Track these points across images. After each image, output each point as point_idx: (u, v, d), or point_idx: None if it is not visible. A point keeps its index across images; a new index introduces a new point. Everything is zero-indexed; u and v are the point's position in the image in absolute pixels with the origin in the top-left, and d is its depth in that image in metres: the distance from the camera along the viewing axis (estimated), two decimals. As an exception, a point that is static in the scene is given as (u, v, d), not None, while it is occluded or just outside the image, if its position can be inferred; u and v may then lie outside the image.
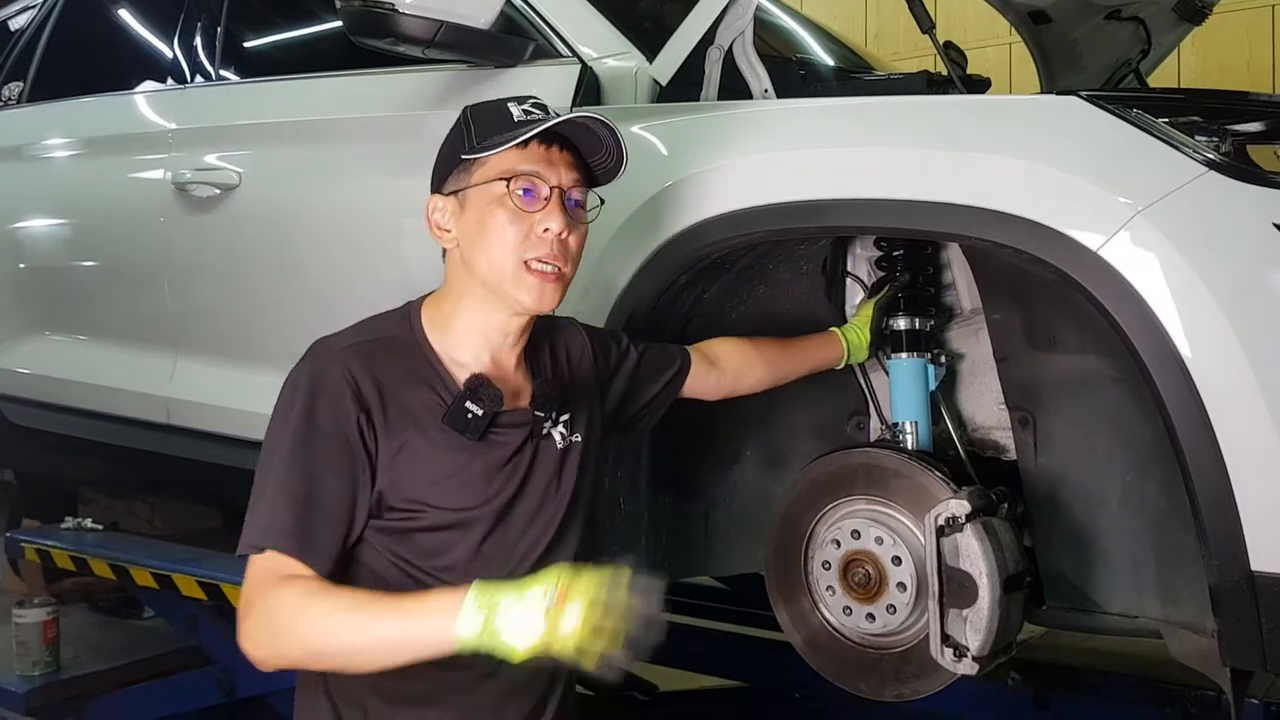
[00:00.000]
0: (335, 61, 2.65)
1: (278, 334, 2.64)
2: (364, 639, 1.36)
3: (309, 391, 1.47)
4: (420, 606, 1.34)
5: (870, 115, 1.91)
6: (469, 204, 1.54)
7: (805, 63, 2.79)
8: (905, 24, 5.82)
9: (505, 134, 1.50)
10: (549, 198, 1.52)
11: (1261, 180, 1.57)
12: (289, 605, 1.39)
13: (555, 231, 1.51)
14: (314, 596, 1.39)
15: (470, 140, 1.53)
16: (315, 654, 1.40)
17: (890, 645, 1.90)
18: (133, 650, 3.55)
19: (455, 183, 1.56)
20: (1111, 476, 1.89)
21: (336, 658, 1.40)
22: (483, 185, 1.52)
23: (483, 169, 1.53)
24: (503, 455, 1.56)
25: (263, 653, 1.39)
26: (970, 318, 2.09)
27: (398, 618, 1.35)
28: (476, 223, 1.53)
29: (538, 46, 2.23)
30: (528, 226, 1.51)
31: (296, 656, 1.40)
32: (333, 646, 1.38)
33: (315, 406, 1.46)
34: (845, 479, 1.94)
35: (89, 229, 3.11)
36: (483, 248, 1.52)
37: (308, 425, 1.46)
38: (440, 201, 1.58)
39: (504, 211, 1.51)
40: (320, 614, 1.37)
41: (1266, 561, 1.52)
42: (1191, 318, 1.54)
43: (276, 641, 1.39)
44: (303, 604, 1.38)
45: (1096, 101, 1.68)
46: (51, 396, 3.16)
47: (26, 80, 3.40)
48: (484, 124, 1.54)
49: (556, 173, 1.53)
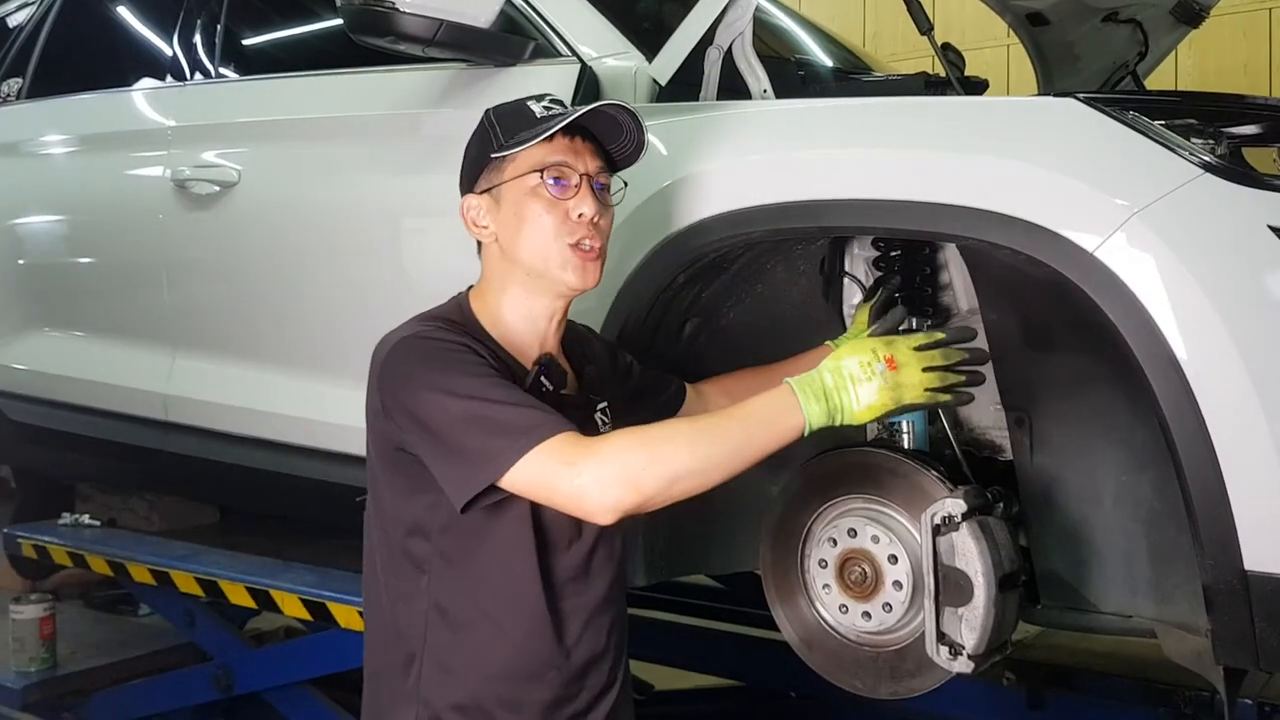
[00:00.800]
0: (335, 60, 2.65)
1: (277, 331, 2.65)
2: (715, 448, 1.47)
3: (434, 354, 1.53)
4: (755, 411, 1.50)
5: (868, 116, 1.92)
6: (504, 199, 1.63)
7: (804, 63, 2.80)
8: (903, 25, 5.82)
9: (532, 129, 1.59)
10: (579, 185, 1.62)
11: (1257, 183, 1.57)
12: (624, 443, 1.46)
13: (589, 215, 1.61)
14: (643, 432, 1.49)
15: (498, 139, 1.62)
16: (669, 478, 1.46)
17: (886, 643, 1.90)
18: (130, 646, 3.56)
19: (487, 181, 1.65)
20: (1106, 476, 1.90)
21: (690, 477, 1.47)
22: (515, 180, 1.61)
23: (514, 165, 1.62)
24: None
25: (612, 493, 1.44)
26: (967, 318, 2.09)
27: (741, 422, 1.49)
28: (514, 215, 1.62)
29: (537, 46, 2.23)
30: (563, 213, 1.61)
31: (651, 488, 1.45)
32: (687, 465, 1.46)
33: (451, 359, 1.52)
34: (842, 478, 1.94)
35: (88, 226, 3.11)
36: (524, 237, 1.61)
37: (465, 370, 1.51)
38: (474, 200, 1.66)
39: (539, 202, 1.61)
40: (663, 440, 1.47)
41: (1260, 561, 1.53)
42: (1187, 319, 1.54)
43: (627, 476, 1.44)
44: (639, 438, 1.48)
45: (1093, 103, 1.68)
46: (49, 393, 3.16)
47: (26, 76, 3.40)
48: (508, 123, 1.63)
49: (583, 161, 1.63)
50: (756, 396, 1.54)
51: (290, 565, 2.86)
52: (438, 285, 1.76)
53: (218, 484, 2.91)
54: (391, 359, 1.56)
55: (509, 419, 1.47)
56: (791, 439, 1.50)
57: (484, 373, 1.51)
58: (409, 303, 1.71)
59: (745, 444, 1.48)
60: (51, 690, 3.30)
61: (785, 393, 1.51)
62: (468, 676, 1.59)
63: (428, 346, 1.54)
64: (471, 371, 1.51)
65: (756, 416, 1.49)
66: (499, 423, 1.47)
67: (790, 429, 1.49)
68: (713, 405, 1.97)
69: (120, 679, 3.41)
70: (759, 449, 1.49)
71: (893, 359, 1.53)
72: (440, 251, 2.26)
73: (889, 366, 1.52)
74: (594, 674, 1.67)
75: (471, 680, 1.59)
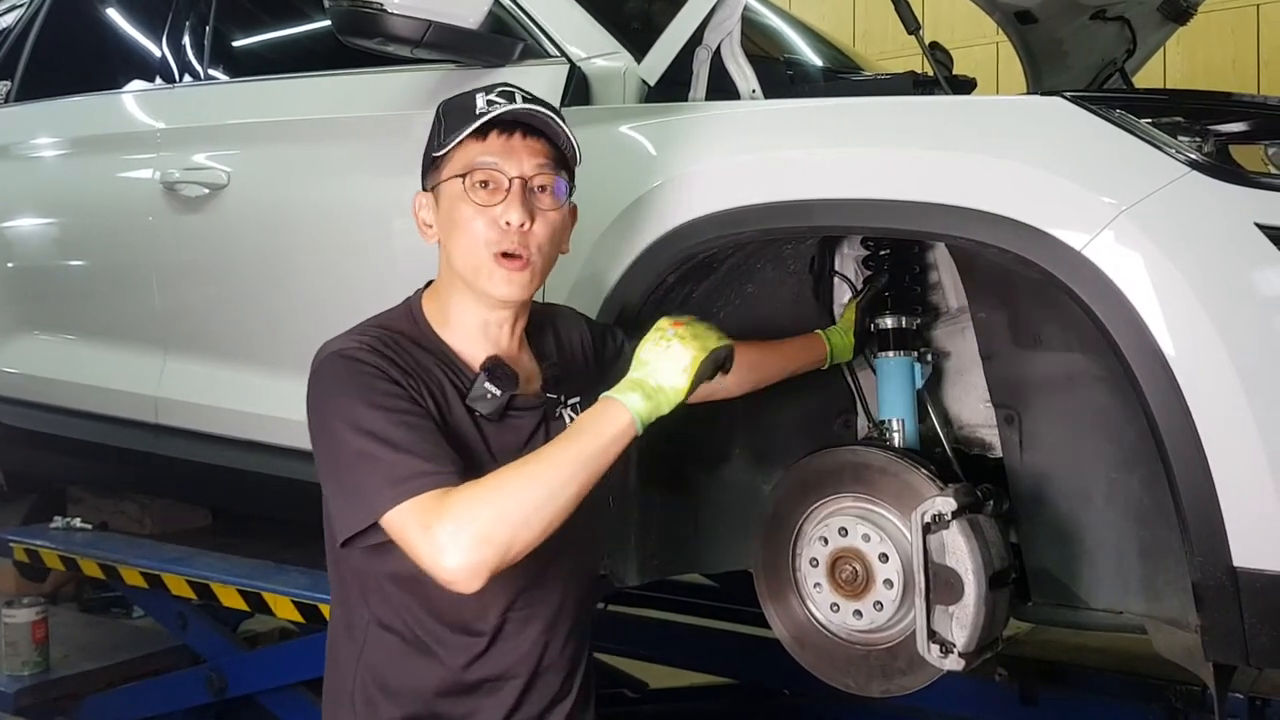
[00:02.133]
0: (324, 61, 2.64)
1: (267, 333, 2.64)
2: (556, 477, 1.38)
3: (348, 371, 1.46)
4: (581, 429, 1.42)
5: (857, 116, 1.92)
6: (441, 199, 1.57)
7: (793, 63, 2.80)
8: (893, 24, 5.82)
9: (460, 129, 1.52)
10: (509, 189, 1.52)
11: (1244, 180, 1.58)
12: (470, 500, 1.36)
13: (515, 223, 1.52)
14: (485, 483, 1.38)
15: (439, 135, 1.56)
16: (523, 521, 1.35)
17: (877, 641, 1.91)
18: (122, 650, 3.55)
19: (430, 179, 1.59)
20: (1096, 474, 1.91)
21: (541, 513, 1.36)
22: (449, 180, 1.55)
23: (450, 164, 1.55)
24: (519, 439, 1.58)
25: (473, 556, 1.33)
26: (956, 316, 2.10)
27: (572, 442, 1.41)
28: (448, 218, 1.56)
29: (526, 46, 2.23)
30: (489, 219, 1.52)
31: (506, 538, 1.34)
32: (535, 501, 1.36)
33: (362, 377, 1.45)
34: (833, 477, 1.95)
35: (77, 228, 3.10)
36: (455, 242, 1.55)
37: (367, 390, 1.44)
38: (422, 198, 1.61)
39: (468, 206, 1.53)
40: (506, 486, 1.37)
41: (1248, 557, 1.54)
42: (1174, 317, 1.55)
43: (482, 534, 1.34)
44: (482, 491, 1.36)
45: (1080, 102, 1.69)
46: (40, 396, 3.15)
47: (14, 79, 3.39)
48: (452, 118, 1.55)
49: (517, 161, 1.53)
50: (580, 415, 1.48)
51: (283, 567, 2.85)
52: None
53: (209, 486, 2.90)
54: (314, 378, 1.50)
55: (392, 465, 1.39)
56: (627, 439, 1.42)
57: (392, 405, 1.44)
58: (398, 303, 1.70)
59: (582, 460, 1.39)
60: (44, 694, 3.29)
61: (604, 400, 1.45)
62: (404, 693, 1.56)
63: (347, 369, 1.46)
64: (380, 404, 1.43)
65: (585, 430, 1.42)
66: (383, 466, 1.40)
67: (621, 429, 1.41)
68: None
69: (113, 682, 3.41)
70: (598, 460, 1.40)
71: (678, 321, 1.51)
72: (430, 253, 2.25)
73: (676, 326, 1.50)
74: (543, 684, 1.62)
75: (408, 698, 1.56)
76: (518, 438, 1.58)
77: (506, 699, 1.60)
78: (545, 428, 1.61)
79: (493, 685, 1.59)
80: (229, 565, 2.94)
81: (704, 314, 2.09)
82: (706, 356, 1.48)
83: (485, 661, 1.57)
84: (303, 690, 2.89)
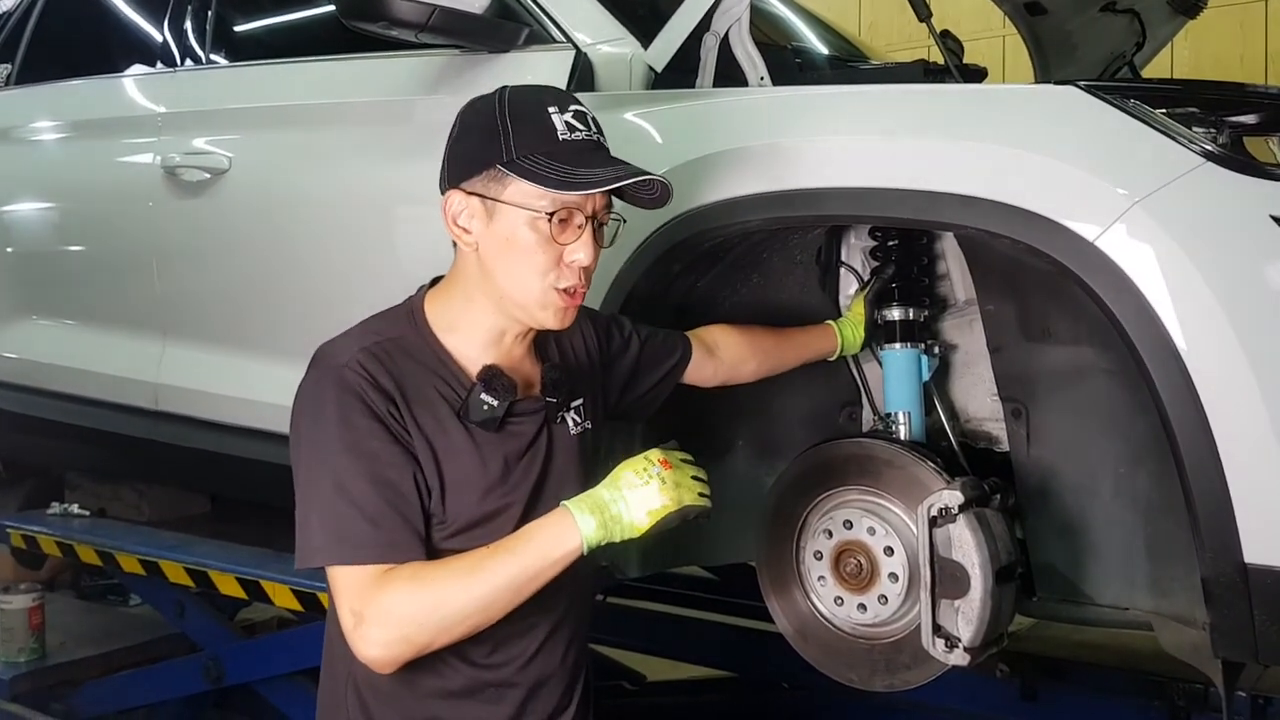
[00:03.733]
0: (327, 45, 2.63)
1: (267, 320, 2.63)
2: (492, 588, 1.40)
3: (334, 398, 1.45)
4: (530, 540, 1.42)
5: (866, 104, 1.91)
6: (499, 216, 1.47)
7: (800, 51, 2.78)
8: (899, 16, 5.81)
9: (554, 162, 1.43)
10: (582, 228, 1.49)
11: (1258, 172, 1.57)
12: (403, 597, 1.39)
13: (584, 263, 1.49)
14: (424, 578, 1.40)
15: (509, 150, 1.45)
16: (448, 627, 1.40)
17: (882, 636, 1.89)
18: (119, 637, 3.54)
19: (485, 188, 1.48)
20: (1104, 468, 1.89)
21: (469, 620, 1.41)
22: (517, 206, 1.46)
23: (519, 186, 1.45)
24: (520, 445, 1.55)
25: (392, 652, 1.39)
26: (964, 309, 2.08)
27: (515, 555, 1.41)
28: (505, 239, 1.47)
29: (532, 32, 2.21)
30: (557, 255, 1.48)
31: (426, 640, 1.40)
32: (465, 610, 1.40)
33: (346, 409, 1.44)
34: (838, 469, 1.93)
35: (77, 213, 3.08)
36: (508, 265, 1.48)
37: (346, 428, 1.43)
38: (463, 200, 1.49)
39: (536, 236, 1.46)
40: (440, 589, 1.39)
41: (1259, 554, 1.53)
42: (1188, 310, 1.53)
43: (405, 635, 1.39)
44: (417, 589, 1.39)
45: (1094, 91, 1.67)
46: (38, 381, 3.13)
47: (15, 63, 3.37)
48: (525, 134, 1.45)
49: (593, 201, 1.49)
50: (534, 522, 1.46)
51: (281, 555, 2.83)
52: (429, 274, 1.73)
53: (208, 473, 2.89)
54: (303, 387, 1.49)
55: (343, 521, 1.41)
56: (571, 560, 1.42)
57: (367, 450, 1.43)
58: (400, 291, 1.68)
59: (522, 576, 1.40)
60: (40, 681, 3.29)
61: (561, 514, 1.43)
62: (401, 697, 1.54)
63: (336, 395, 1.44)
64: (355, 446, 1.42)
65: (532, 546, 1.41)
66: (336, 519, 1.41)
67: (568, 551, 1.41)
68: (725, 358, 1.92)
69: (110, 669, 3.40)
70: (537, 578, 1.41)
71: (667, 461, 1.47)
72: (432, 240, 2.23)
73: (664, 467, 1.46)
74: (545, 694, 1.61)
75: (405, 701, 1.55)
76: (519, 444, 1.55)
77: (506, 709, 1.58)
78: (547, 432, 1.58)
79: (495, 693, 1.57)
80: (228, 553, 2.92)
81: (710, 302, 2.09)
82: (676, 510, 1.45)
83: (484, 668, 1.56)
84: (300, 679, 2.88)
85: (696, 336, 1.92)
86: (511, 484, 1.53)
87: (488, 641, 1.54)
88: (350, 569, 1.41)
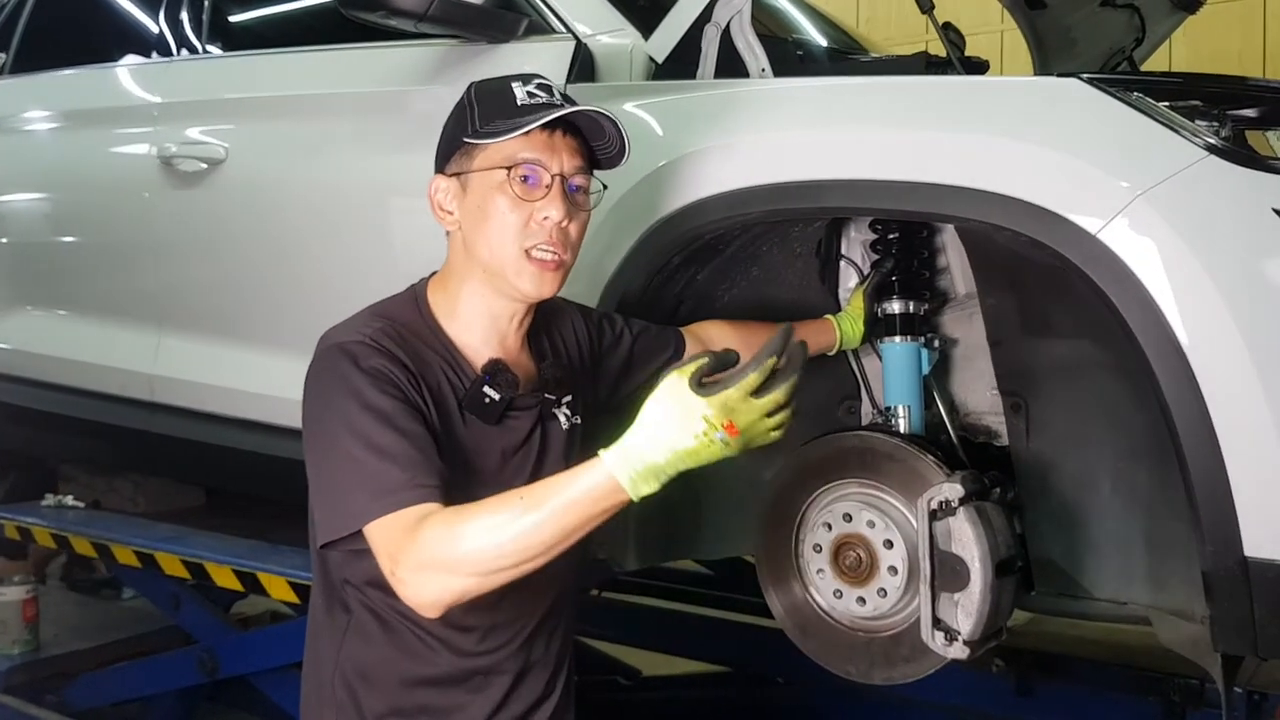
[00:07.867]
0: (325, 35, 2.61)
1: (264, 310, 2.62)
2: (534, 527, 1.30)
3: (347, 369, 1.44)
4: (575, 482, 1.30)
5: (868, 96, 1.90)
6: (471, 188, 1.53)
7: (801, 43, 2.78)
8: (897, 9, 5.81)
9: (509, 120, 1.49)
10: (550, 185, 1.51)
11: (1261, 165, 1.56)
12: (442, 539, 1.33)
13: (555, 219, 1.51)
14: (462, 518, 1.34)
15: (474, 123, 1.52)
16: (490, 568, 1.33)
17: (881, 629, 1.88)
18: (113, 630, 3.54)
19: (458, 165, 1.55)
20: (1103, 463, 1.89)
21: (509, 560, 1.32)
22: (485, 171, 1.52)
23: (485, 154, 1.52)
24: (516, 439, 1.56)
25: (434, 594, 1.34)
26: (964, 302, 2.08)
27: (559, 495, 1.31)
28: (478, 208, 1.52)
29: (532, 22, 2.20)
30: (528, 214, 1.51)
31: (469, 584, 1.33)
32: (506, 550, 1.31)
33: (362, 386, 1.43)
34: (837, 462, 1.93)
35: (72, 203, 3.07)
36: (484, 234, 1.52)
37: (363, 390, 1.43)
38: (443, 183, 1.57)
39: (504, 198, 1.51)
40: (480, 527, 1.32)
41: (1260, 547, 1.52)
42: (1190, 303, 1.53)
43: (447, 577, 1.33)
44: (456, 530, 1.33)
45: (1097, 84, 1.66)
46: (33, 372, 3.12)
47: (9, 52, 3.35)
48: (488, 105, 1.52)
49: (558, 159, 1.52)
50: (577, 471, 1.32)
51: (277, 548, 2.83)
52: (425, 264, 1.72)
53: (204, 465, 2.87)
54: (313, 369, 1.49)
55: (376, 474, 1.39)
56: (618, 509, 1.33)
57: (386, 407, 1.42)
58: (398, 281, 1.68)
59: (564, 530, 1.31)
60: (34, 673, 3.28)
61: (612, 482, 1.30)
62: (389, 685, 1.54)
63: (347, 365, 1.44)
64: (374, 405, 1.42)
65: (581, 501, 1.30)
66: (368, 475, 1.39)
67: (618, 506, 1.31)
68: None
69: (104, 662, 3.40)
70: (582, 531, 1.32)
71: (732, 424, 1.28)
72: (429, 230, 2.23)
73: (729, 433, 1.28)
74: (530, 681, 1.62)
75: (393, 689, 1.54)
76: (516, 438, 1.57)
77: (494, 695, 1.59)
78: (542, 428, 1.59)
79: (482, 680, 1.58)
80: (223, 545, 2.91)
81: (709, 296, 2.08)
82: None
83: (472, 656, 1.56)
84: (295, 672, 2.86)
85: (690, 332, 1.92)
86: (505, 478, 1.53)
87: (477, 630, 1.55)
88: (383, 522, 1.37)
